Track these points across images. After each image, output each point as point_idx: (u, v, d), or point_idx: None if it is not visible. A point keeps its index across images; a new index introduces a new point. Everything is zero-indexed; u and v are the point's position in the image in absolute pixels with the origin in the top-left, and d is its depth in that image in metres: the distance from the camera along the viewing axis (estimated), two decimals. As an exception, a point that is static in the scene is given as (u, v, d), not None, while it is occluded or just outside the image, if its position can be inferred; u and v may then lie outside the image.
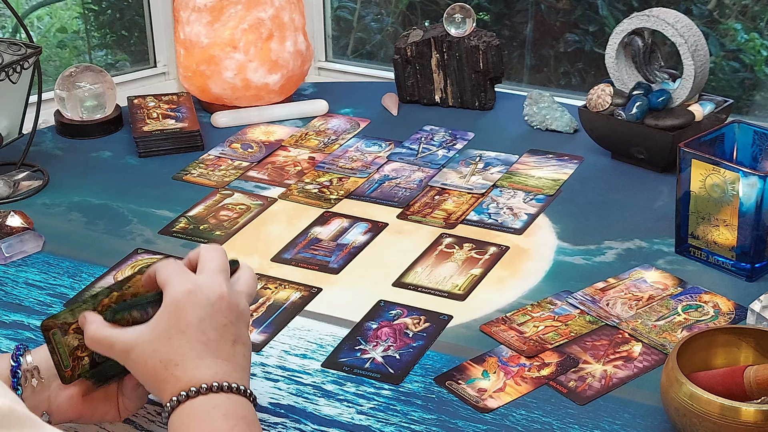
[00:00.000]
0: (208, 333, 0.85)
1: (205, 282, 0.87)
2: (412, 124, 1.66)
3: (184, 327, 0.85)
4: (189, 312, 0.85)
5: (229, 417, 0.82)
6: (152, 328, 0.86)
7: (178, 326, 0.85)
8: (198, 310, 0.85)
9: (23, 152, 1.51)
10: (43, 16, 2.28)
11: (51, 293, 1.21)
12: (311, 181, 1.47)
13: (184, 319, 0.85)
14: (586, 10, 2.16)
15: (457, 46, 1.67)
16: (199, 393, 0.83)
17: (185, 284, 0.87)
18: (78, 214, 1.40)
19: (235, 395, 0.84)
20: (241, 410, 0.84)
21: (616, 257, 1.26)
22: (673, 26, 1.40)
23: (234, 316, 0.88)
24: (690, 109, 1.44)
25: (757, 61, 2.04)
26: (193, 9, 1.67)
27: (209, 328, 0.85)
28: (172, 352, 0.84)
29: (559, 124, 1.61)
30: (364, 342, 1.11)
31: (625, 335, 1.10)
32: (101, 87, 1.63)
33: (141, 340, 0.86)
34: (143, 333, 0.86)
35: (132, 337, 0.87)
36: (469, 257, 1.27)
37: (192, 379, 0.84)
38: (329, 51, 2.28)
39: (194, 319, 0.85)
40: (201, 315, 0.85)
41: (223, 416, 0.82)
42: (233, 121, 1.67)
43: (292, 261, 1.27)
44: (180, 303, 0.86)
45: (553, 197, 1.41)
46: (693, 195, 1.21)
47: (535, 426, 0.98)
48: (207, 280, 0.87)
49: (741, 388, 0.92)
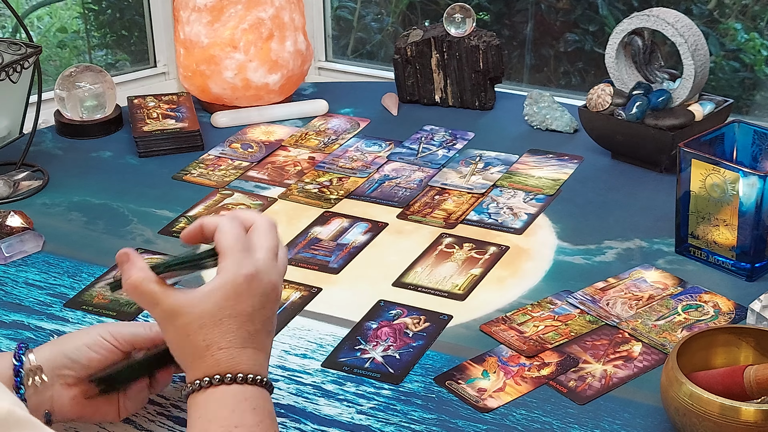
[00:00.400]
0: (255, 323, 0.85)
1: (264, 268, 0.85)
2: (412, 124, 1.66)
3: (237, 313, 0.84)
4: (246, 300, 0.84)
5: (257, 411, 0.82)
6: (204, 301, 0.84)
7: (232, 311, 0.83)
8: (254, 299, 0.84)
9: (23, 152, 1.51)
10: (43, 16, 2.28)
11: (51, 293, 1.21)
12: (311, 181, 1.47)
13: (240, 305, 0.84)
14: (586, 10, 2.16)
15: (457, 46, 1.67)
16: (234, 381, 0.82)
17: (247, 267, 0.85)
18: (78, 214, 1.40)
19: (263, 389, 0.84)
20: (268, 405, 0.84)
21: (616, 257, 1.26)
22: (673, 26, 1.40)
23: (276, 307, 0.88)
24: (690, 109, 1.44)
25: (757, 61, 2.04)
26: (193, 9, 1.67)
27: (258, 319, 0.85)
28: (220, 335, 0.83)
29: (559, 124, 1.61)
30: (364, 342, 1.11)
31: (625, 335, 1.10)
32: (101, 87, 1.63)
33: (189, 310, 0.84)
34: (193, 303, 0.84)
35: (180, 303, 0.84)
36: (469, 257, 1.27)
37: (232, 366, 0.83)
38: (329, 51, 2.28)
39: (249, 308, 0.84)
40: (255, 304, 0.85)
41: (253, 410, 0.82)
42: (233, 121, 1.67)
43: (292, 261, 1.27)
44: (240, 288, 0.84)
45: (553, 197, 1.41)
46: (693, 195, 1.21)
47: (535, 426, 0.98)
48: (265, 265, 0.86)
49: (741, 388, 0.92)
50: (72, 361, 0.91)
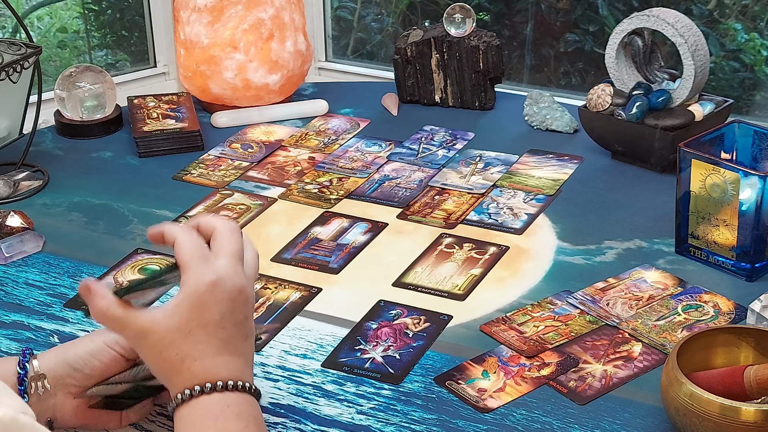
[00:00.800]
0: (227, 329, 0.84)
1: (227, 273, 0.84)
2: (412, 124, 1.66)
3: (205, 322, 0.83)
4: (211, 308, 0.83)
5: (241, 417, 0.82)
6: (170, 316, 0.83)
7: (198, 321, 0.82)
8: (220, 306, 0.83)
9: (23, 152, 1.51)
10: (43, 16, 2.28)
11: (51, 293, 1.21)
12: (311, 181, 1.47)
13: (206, 314, 0.83)
14: (586, 10, 2.16)
15: (457, 46, 1.67)
16: (215, 390, 0.81)
17: (208, 275, 0.83)
18: (78, 214, 1.40)
19: (246, 394, 0.83)
20: (253, 410, 0.83)
21: (616, 257, 1.26)
22: (673, 26, 1.40)
23: (249, 310, 0.87)
24: (690, 109, 1.44)
25: (757, 61, 2.04)
26: (193, 9, 1.67)
27: (228, 324, 0.84)
28: (191, 347, 0.82)
29: (559, 124, 1.61)
30: (364, 342, 1.11)
31: (625, 335, 1.10)
32: (101, 87, 1.63)
33: (157, 327, 0.83)
34: (160, 320, 0.83)
35: (148, 322, 0.83)
36: (469, 257, 1.27)
37: (208, 376, 0.82)
38: (329, 51, 2.28)
39: (216, 315, 0.83)
40: (222, 311, 0.83)
41: (237, 416, 0.81)
42: (233, 121, 1.67)
43: (292, 261, 1.27)
44: (203, 297, 0.83)
45: (553, 197, 1.41)
46: (693, 195, 1.21)
47: (535, 426, 0.98)
48: (228, 270, 0.84)
49: (741, 388, 0.92)
50: (75, 370, 0.91)
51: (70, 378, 0.91)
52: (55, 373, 0.90)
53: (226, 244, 0.86)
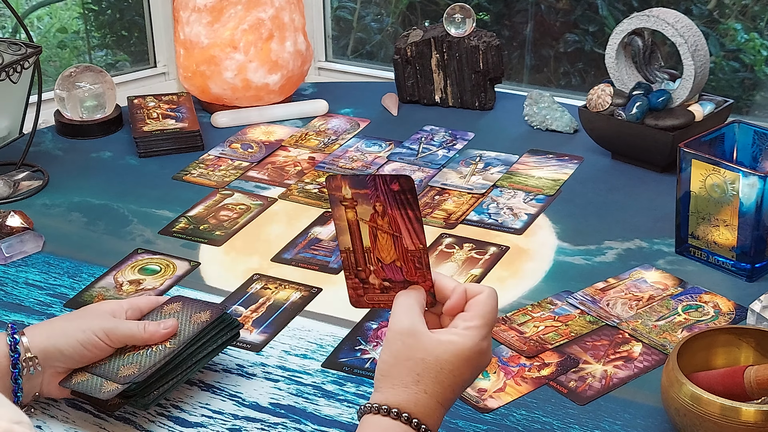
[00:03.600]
0: (458, 390, 0.87)
1: (487, 348, 0.87)
2: (412, 124, 1.66)
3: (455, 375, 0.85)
4: (468, 369, 0.86)
5: None
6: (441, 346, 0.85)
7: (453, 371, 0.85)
8: (472, 372, 0.87)
9: (23, 152, 1.51)
10: (43, 16, 2.28)
11: (51, 293, 1.21)
12: (311, 181, 1.47)
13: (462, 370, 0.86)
14: (586, 10, 2.16)
15: (457, 46, 1.67)
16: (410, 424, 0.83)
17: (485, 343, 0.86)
18: (78, 214, 1.40)
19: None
20: None
21: (616, 257, 1.26)
22: (673, 26, 1.40)
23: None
24: (690, 109, 1.44)
25: (757, 61, 2.04)
26: (193, 9, 1.67)
27: (462, 387, 0.87)
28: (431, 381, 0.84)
29: (559, 124, 1.61)
30: (364, 342, 1.11)
31: (626, 335, 1.10)
32: (101, 87, 1.63)
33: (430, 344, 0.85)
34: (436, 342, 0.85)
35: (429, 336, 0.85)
36: (469, 257, 1.27)
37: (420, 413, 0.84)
38: (329, 51, 2.28)
39: (466, 376, 0.86)
40: (470, 376, 0.87)
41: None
42: (233, 121, 1.67)
43: (292, 261, 1.27)
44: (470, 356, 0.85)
45: (553, 197, 1.41)
46: (693, 195, 1.21)
47: (535, 426, 0.98)
48: (489, 346, 0.88)
49: (741, 389, 0.92)
50: (65, 356, 0.97)
51: (59, 361, 0.97)
52: (45, 356, 0.97)
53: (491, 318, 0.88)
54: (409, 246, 0.88)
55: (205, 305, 1.04)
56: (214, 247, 1.30)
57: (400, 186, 0.87)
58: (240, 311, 1.16)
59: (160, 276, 1.24)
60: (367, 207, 0.88)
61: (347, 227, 0.90)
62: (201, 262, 1.27)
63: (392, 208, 0.88)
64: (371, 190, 0.88)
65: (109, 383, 0.96)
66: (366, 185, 0.88)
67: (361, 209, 0.89)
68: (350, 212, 0.89)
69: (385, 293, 0.91)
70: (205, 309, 1.03)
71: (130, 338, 0.99)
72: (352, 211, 0.89)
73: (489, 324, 0.87)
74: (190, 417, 1.00)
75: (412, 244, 0.88)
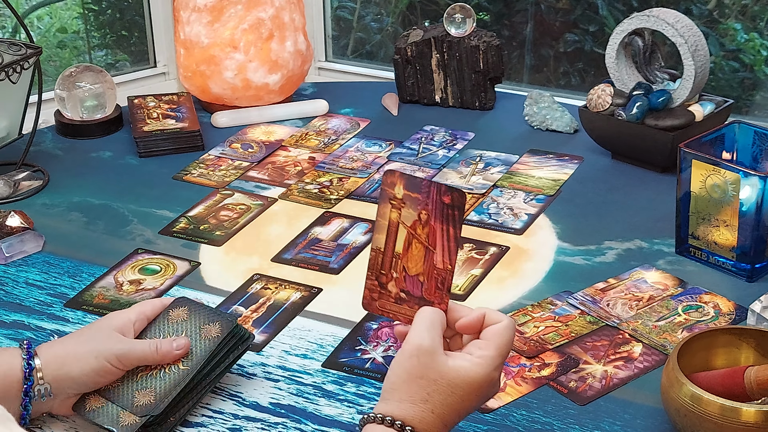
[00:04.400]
0: (462, 415, 0.87)
1: (497, 379, 0.88)
2: (412, 124, 1.66)
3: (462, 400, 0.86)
4: (476, 397, 0.87)
5: None
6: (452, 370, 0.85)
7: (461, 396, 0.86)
8: (479, 400, 0.88)
9: (23, 152, 1.51)
10: (43, 16, 2.28)
11: (51, 293, 1.21)
12: (311, 181, 1.47)
13: (471, 397, 0.86)
14: (586, 10, 2.16)
15: (457, 46, 1.67)
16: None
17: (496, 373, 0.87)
18: (78, 214, 1.40)
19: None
20: None
21: (616, 257, 1.26)
22: (673, 26, 1.40)
23: None
24: (690, 109, 1.44)
25: (757, 61, 2.04)
26: (193, 9, 1.67)
27: (467, 413, 0.88)
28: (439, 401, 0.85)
29: (559, 124, 1.61)
30: (364, 342, 1.11)
31: (626, 336, 1.10)
32: (101, 87, 1.63)
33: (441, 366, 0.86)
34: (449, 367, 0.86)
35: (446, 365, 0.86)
36: (469, 257, 1.27)
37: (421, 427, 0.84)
38: (329, 51, 2.28)
39: (472, 403, 0.87)
40: (476, 403, 0.88)
41: None
42: (233, 121, 1.67)
43: (292, 261, 1.27)
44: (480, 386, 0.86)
45: (553, 197, 1.41)
46: (693, 195, 1.21)
47: (535, 426, 0.98)
48: (498, 376, 0.88)
49: (741, 389, 0.92)
50: (76, 383, 0.96)
51: (71, 389, 0.96)
52: (57, 384, 0.95)
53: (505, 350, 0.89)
54: (438, 264, 0.88)
55: (214, 315, 1.02)
56: (215, 247, 1.30)
57: (452, 200, 0.86)
58: (240, 311, 1.16)
59: (161, 276, 1.24)
60: (413, 212, 0.88)
61: (386, 227, 0.89)
62: (201, 262, 1.27)
63: (436, 220, 0.87)
64: (423, 196, 0.87)
65: (127, 414, 0.95)
66: (420, 189, 0.87)
67: (406, 212, 0.88)
68: (395, 212, 0.89)
69: (398, 304, 0.91)
70: (214, 320, 1.01)
71: (143, 361, 0.97)
72: (397, 212, 0.88)
73: (503, 355, 0.87)
74: (190, 417, 1.00)
75: (442, 263, 0.88)
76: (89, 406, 0.96)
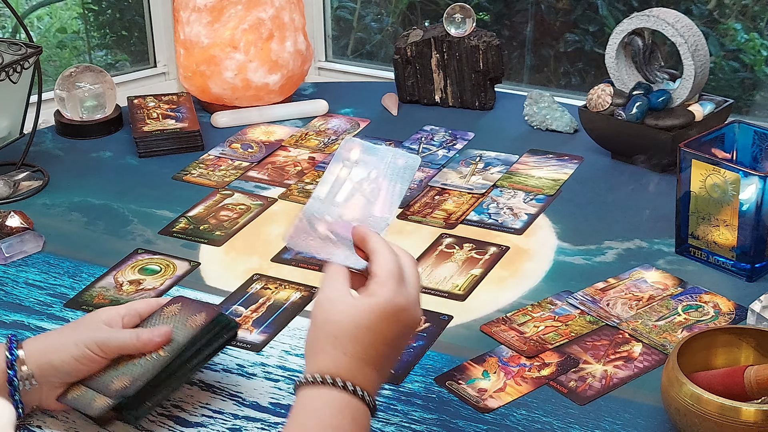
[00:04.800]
0: (387, 349, 0.87)
1: (415, 305, 0.88)
2: (412, 124, 1.66)
3: (376, 334, 0.86)
4: (389, 326, 0.86)
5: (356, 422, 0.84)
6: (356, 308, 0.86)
7: (372, 329, 0.86)
8: (396, 328, 0.87)
9: (23, 152, 1.51)
10: (43, 16, 2.28)
11: (51, 293, 1.21)
12: (311, 181, 1.47)
13: (382, 328, 0.86)
14: (586, 10, 2.16)
15: (457, 46, 1.67)
16: (346, 389, 0.84)
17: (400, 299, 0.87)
18: (78, 214, 1.40)
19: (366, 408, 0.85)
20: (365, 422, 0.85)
21: (616, 257, 1.26)
22: (673, 26, 1.40)
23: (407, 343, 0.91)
24: (690, 109, 1.44)
25: (757, 61, 2.04)
26: (193, 9, 1.67)
27: (391, 346, 0.87)
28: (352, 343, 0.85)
29: (559, 124, 1.61)
30: (364, 342, 1.11)
31: (626, 335, 1.10)
32: (101, 87, 1.63)
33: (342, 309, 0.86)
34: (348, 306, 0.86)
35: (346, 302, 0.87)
36: (469, 257, 1.27)
37: (348, 375, 0.84)
38: (329, 51, 2.28)
39: (388, 334, 0.86)
40: (395, 334, 0.87)
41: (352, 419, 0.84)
42: (233, 121, 1.67)
43: (292, 261, 1.27)
44: (389, 313, 0.86)
45: (553, 197, 1.41)
46: (693, 195, 1.21)
47: (535, 426, 0.98)
48: (416, 303, 0.89)
49: (741, 388, 0.92)
50: (59, 372, 0.97)
51: (54, 377, 0.97)
52: (41, 372, 0.96)
53: (413, 277, 0.90)
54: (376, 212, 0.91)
55: (202, 306, 1.02)
56: (214, 247, 1.30)
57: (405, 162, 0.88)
58: (240, 311, 1.16)
59: (160, 276, 1.24)
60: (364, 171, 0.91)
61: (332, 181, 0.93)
62: (201, 262, 1.27)
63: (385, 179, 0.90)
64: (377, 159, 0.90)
65: (100, 398, 0.95)
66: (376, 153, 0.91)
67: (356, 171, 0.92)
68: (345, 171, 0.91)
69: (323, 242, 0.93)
70: (201, 311, 1.01)
71: (123, 349, 0.97)
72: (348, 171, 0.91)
73: (397, 279, 0.87)
74: (190, 417, 1.00)
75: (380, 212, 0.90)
76: (71, 394, 0.97)
